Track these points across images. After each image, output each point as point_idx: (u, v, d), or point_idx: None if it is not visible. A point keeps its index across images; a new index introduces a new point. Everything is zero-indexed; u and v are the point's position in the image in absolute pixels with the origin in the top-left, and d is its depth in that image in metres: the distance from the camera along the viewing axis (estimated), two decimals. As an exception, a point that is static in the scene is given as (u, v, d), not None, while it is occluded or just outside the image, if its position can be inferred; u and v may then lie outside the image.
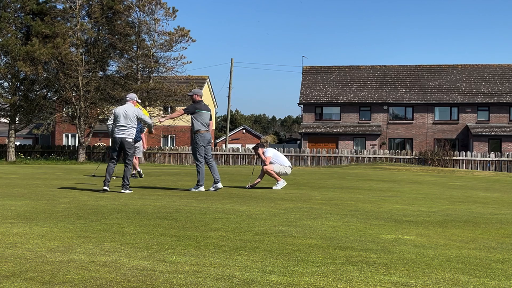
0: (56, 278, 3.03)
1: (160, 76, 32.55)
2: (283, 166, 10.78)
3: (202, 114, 9.87)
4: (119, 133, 9.34)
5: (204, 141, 9.77)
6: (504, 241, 4.61)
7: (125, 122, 9.31)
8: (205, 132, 9.81)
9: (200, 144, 9.74)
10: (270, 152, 10.87)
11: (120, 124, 9.31)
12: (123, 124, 9.32)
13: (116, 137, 9.37)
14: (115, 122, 9.37)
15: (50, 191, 9.27)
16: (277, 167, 10.70)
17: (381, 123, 40.82)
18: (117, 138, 9.36)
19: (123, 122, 9.31)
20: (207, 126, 9.93)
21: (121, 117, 9.33)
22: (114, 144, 9.44)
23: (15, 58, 28.99)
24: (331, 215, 6.17)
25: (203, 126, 9.82)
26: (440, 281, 3.08)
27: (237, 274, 3.17)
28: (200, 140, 9.76)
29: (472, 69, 43.06)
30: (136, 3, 30.95)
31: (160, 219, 5.61)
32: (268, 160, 10.70)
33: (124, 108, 9.41)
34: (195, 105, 9.91)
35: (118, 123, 9.33)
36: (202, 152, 9.75)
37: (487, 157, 28.95)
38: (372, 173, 19.45)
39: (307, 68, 45.30)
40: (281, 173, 10.77)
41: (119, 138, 9.33)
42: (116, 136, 9.35)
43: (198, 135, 9.78)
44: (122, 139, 9.32)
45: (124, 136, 9.33)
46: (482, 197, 9.42)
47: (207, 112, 10.00)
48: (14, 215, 5.84)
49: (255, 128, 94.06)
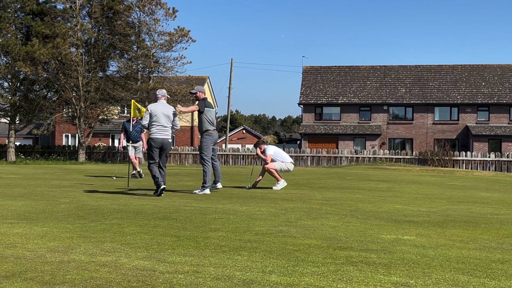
0: (56, 278, 3.03)
1: (160, 76, 32.56)
2: (285, 162, 10.72)
3: (209, 111, 9.52)
4: (161, 133, 8.68)
5: (212, 140, 9.47)
6: (504, 241, 4.61)
7: (165, 121, 8.72)
8: (213, 132, 9.50)
9: (209, 145, 9.41)
10: (271, 149, 10.79)
11: (160, 124, 8.66)
12: (163, 124, 8.70)
13: (158, 138, 8.66)
14: (154, 122, 8.68)
15: (50, 191, 9.27)
16: (279, 165, 10.65)
17: (381, 123, 40.82)
18: (159, 139, 8.66)
19: (164, 122, 8.69)
20: (214, 124, 9.59)
21: (161, 116, 8.69)
22: (155, 145, 8.66)
23: (15, 58, 28.98)
24: (331, 215, 6.17)
25: (211, 124, 9.49)
26: (440, 281, 3.08)
27: (237, 274, 3.17)
28: (209, 140, 9.43)
29: (472, 69, 43.06)
30: (136, 3, 30.95)
31: (160, 219, 5.61)
32: (269, 158, 10.64)
33: (163, 107, 8.76)
34: (202, 103, 9.49)
35: (158, 123, 8.65)
36: (210, 152, 9.40)
37: (487, 157, 28.94)
38: (372, 173, 19.45)
39: (307, 68, 45.30)
40: (283, 170, 10.72)
41: (161, 139, 8.67)
42: (158, 137, 8.66)
43: (207, 135, 9.43)
44: (164, 140, 8.70)
45: (166, 137, 8.73)
46: (482, 197, 9.42)
47: (213, 110, 9.70)
48: (14, 215, 5.84)
49: (255, 128, 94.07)
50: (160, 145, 8.67)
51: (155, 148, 8.66)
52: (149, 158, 8.77)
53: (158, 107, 8.74)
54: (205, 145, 9.40)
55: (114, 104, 32.27)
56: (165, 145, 8.72)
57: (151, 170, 8.63)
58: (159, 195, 8.44)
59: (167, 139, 8.72)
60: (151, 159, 8.73)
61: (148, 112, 8.74)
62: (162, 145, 8.69)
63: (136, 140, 14.26)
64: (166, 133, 8.72)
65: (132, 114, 12.63)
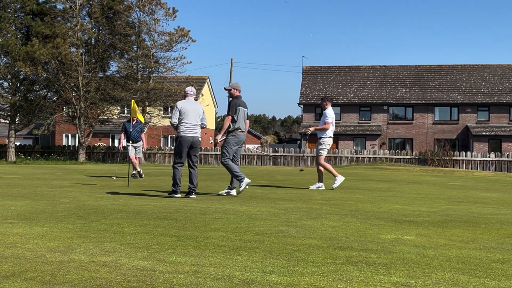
0: (56, 278, 3.03)
1: (160, 76, 32.57)
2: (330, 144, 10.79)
3: (242, 111, 8.88)
4: (191, 131, 8.33)
5: (238, 142, 8.88)
6: (504, 241, 4.61)
7: (195, 119, 8.38)
8: (241, 133, 8.89)
9: (232, 146, 8.81)
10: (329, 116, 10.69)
11: (190, 123, 8.32)
12: (194, 122, 8.36)
13: (188, 137, 8.31)
14: (183, 120, 8.32)
15: (50, 191, 9.26)
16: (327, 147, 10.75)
17: (381, 123, 40.81)
18: (189, 138, 8.31)
19: (194, 120, 8.35)
20: (244, 125, 8.97)
21: (191, 114, 8.35)
22: (185, 144, 8.33)
23: (15, 58, 28.99)
24: (331, 215, 6.17)
25: (242, 125, 8.88)
26: (440, 281, 3.08)
27: (237, 274, 3.17)
28: (234, 141, 8.83)
29: (472, 69, 43.06)
30: (136, 3, 30.96)
31: (160, 219, 5.61)
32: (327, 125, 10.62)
33: (192, 105, 8.46)
34: (236, 101, 8.86)
35: (188, 121, 8.31)
36: (231, 152, 8.82)
37: (487, 157, 28.94)
38: (372, 173, 19.45)
39: (307, 68, 45.30)
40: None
41: (191, 138, 8.32)
42: (188, 135, 8.31)
43: (234, 135, 8.84)
44: (194, 139, 8.35)
45: (196, 135, 8.39)
46: (482, 197, 9.42)
47: (246, 110, 9.04)
48: (14, 215, 5.84)
49: (255, 128, 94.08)
50: (189, 143, 8.33)
51: (184, 147, 8.32)
52: (176, 157, 8.40)
53: (188, 104, 8.42)
54: (229, 145, 8.82)
55: (114, 104, 32.27)
56: (195, 144, 8.38)
57: (175, 173, 8.34)
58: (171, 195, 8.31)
59: (197, 137, 8.40)
60: (178, 159, 8.38)
61: (177, 110, 8.39)
62: (192, 144, 8.35)
63: (136, 140, 14.26)
64: (196, 131, 8.40)
65: (132, 114, 12.66)
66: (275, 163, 30.90)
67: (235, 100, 8.88)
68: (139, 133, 14.34)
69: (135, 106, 11.88)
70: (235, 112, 8.80)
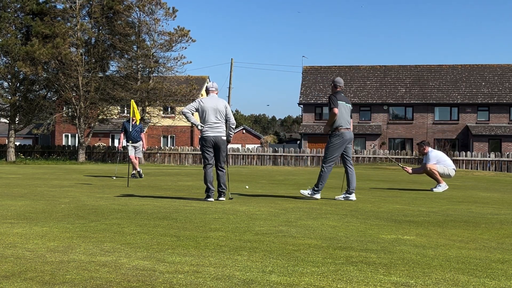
0: (56, 278, 3.03)
1: (160, 76, 32.57)
2: (447, 167, 11.00)
3: (344, 107, 8.21)
4: (212, 130, 7.86)
5: (344, 141, 8.13)
6: (504, 241, 4.61)
7: (215, 117, 7.88)
8: (346, 130, 8.17)
9: (336, 147, 8.10)
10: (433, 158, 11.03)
11: (210, 122, 7.85)
12: (214, 121, 7.86)
13: (209, 136, 7.86)
14: (204, 119, 7.91)
15: (50, 191, 9.26)
16: (441, 168, 10.95)
17: (381, 123, 40.81)
18: (210, 137, 7.85)
19: (213, 118, 7.86)
20: (349, 123, 8.28)
21: (210, 112, 7.86)
22: (207, 144, 7.89)
23: (15, 58, 28.99)
24: (331, 215, 6.17)
25: (344, 122, 8.17)
26: (440, 281, 3.08)
27: (237, 274, 3.17)
28: (338, 140, 8.11)
29: (472, 69, 43.06)
30: (136, 3, 30.96)
31: (160, 219, 5.61)
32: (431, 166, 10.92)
33: (212, 102, 7.92)
34: (337, 96, 8.12)
35: (207, 120, 7.86)
36: (336, 155, 8.12)
37: (487, 157, 28.94)
38: (372, 173, 19.44)
39: (307, 68, 45.31)
40: (445, 175, 11.00)
41: (212, 137, 7.86)
42: (209, 135, 7.85)
43: (337, 133, 8.13)
44: (216, 138, 7.87)
45: (218, 134, 7.88)
46: (482, 197, 9.42)
47: (349, 105, 8.36)
48: (14, 215, 5.84)
49: (255, 128, 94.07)
50: (212, 143, 7.86)
51: (207, 147, 7.88)
52: (203, 158, 8.03)
53: (207, 102, 7.89)
54: (332, 145, 8.14)
55: (114, 104, 32.27)
56: (218, 143, 7.87)
57: (204, 176, 7.96)
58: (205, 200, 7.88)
59: (219, 136, 7.87)
60: (204, 160, 7.97)
61: (194, 104, 7.93)
62: (214, 144, 7.88)
63: (136, 140, 14.26)
64: (218, 130, 7.88)
65: (132, 114, 12.66)
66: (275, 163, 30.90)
67: (334, 95, 8.18)
68: (139, 133, 14.34)
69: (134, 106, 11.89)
70: (334, 104, 8.06)
